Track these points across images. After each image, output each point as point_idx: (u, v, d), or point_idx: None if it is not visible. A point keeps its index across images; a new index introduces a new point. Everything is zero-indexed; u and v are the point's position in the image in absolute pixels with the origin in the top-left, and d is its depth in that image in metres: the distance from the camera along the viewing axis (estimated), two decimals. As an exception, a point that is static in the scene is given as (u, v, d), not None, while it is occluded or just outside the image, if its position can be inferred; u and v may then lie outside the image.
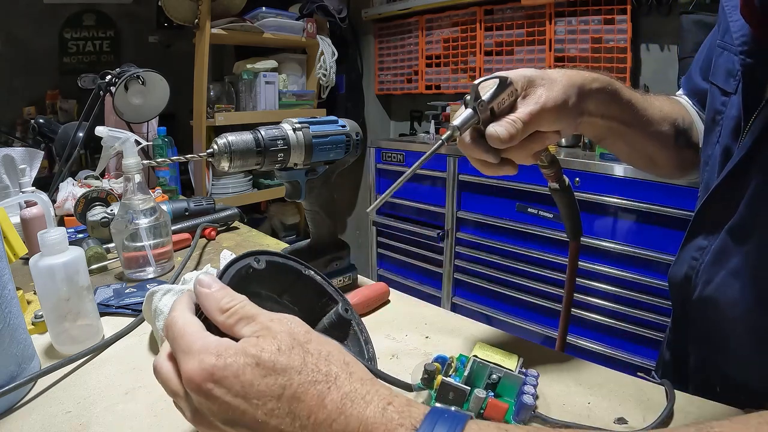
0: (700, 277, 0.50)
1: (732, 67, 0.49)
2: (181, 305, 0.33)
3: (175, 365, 0.30)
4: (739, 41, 0.47)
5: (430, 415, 0.27)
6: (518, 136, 0.42)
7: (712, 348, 0.52)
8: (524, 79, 0.44)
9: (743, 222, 0.45)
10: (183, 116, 2.25)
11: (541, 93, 0.44)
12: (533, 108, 0.43)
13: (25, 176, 0.88)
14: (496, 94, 0.43)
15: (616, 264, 1.49)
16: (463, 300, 1.99)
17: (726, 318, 0.47)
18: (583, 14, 1.85)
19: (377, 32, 2.65)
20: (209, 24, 1.94)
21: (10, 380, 0.42)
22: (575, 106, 0.46)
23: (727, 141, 0.49)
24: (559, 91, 0.44)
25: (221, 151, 0.53)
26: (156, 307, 0.50)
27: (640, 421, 0.41)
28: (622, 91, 0.51)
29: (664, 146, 0.58)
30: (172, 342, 0.30)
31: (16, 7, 2.33)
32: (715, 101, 0.52)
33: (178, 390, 0.29)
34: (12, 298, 0.44)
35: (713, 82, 0.53)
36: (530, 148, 0.45)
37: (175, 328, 0.30)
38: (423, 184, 2.03)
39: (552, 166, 0.53)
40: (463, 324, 0.60)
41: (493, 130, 0.42)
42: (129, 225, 0.72)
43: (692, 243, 0.52)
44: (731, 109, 0.48)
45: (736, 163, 0.45)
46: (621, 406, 0.44)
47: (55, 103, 2.36)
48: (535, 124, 0.43)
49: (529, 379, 0.43)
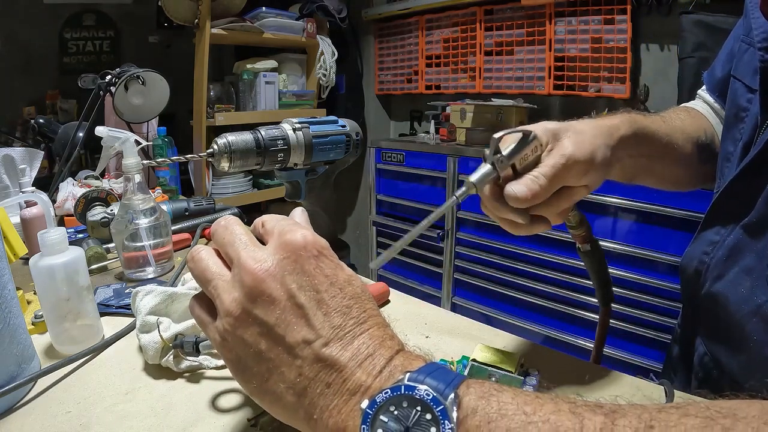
0: (711, 272, 0.50)
1: (757, 64, 0.47)
2: None
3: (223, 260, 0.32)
4: (759, 38, 0.46)
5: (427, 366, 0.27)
6: (542, 194, 0.39)
7: (718, 343, 0.52)
8: (549, 132, 0.42)
9: (761, 219, 0.44)
10: (183, 116, 2.25)
11: (567, 145, 0.41)
12: (558, 161, 0.40)
13: (25, 176, 0.88)
14: (518, 149, 0.39)
15: (617, 264, 1.49)
16: (463, 300, 1.99)
17: (734, 314, 0.47)
18: (583, 14, 1.85)
19: (377, 32, 2.65)
20: (209, 24, 1.94)
21: (10, 380, 0.42)
22: (604, 157, 0.43)
23: (748, 138, 0.48)
24: (586, 143, 0.41)
25: (221, 151, 0.53)
26: (137, 306, 0.50)
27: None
28: (647, 126, 0.49)
29: (689, 166, 0.57)
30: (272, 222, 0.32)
31: (16, 7, 2.33)
32: (739, 97, 0.51)
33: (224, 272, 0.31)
34: (12, 298, 0.44)
35: (737, 77, 0.52)
36: (558, 206, 0.42)
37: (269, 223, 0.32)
38: (423, 184, 2.03)
39: (581, 226, 0.50)
40: (463, 324, 0.60)
41: (511, 189, 0.39)
42: (129, 225, 0.72)
43: (704, 237, 0.52)
44: (755, 106, 0.48)
45: (752, 159, 0.45)
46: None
47: (55, 103, 2.36)
48: (561, 179, 0.40)
49: (528, 380, 0.43)
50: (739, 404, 0.23)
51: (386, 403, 0.24)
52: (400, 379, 0.25)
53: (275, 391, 0.28)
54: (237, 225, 0.32)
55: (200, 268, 0.32)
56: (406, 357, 0.28)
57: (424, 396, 0.24)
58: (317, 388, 0.27)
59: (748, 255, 0.46)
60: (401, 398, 0.24)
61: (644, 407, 0.23)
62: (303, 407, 0.27)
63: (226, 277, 0.30)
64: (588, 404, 0.24)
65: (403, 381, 0.25)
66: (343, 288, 0.29)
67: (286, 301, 0.28)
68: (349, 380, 0.26)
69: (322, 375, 0.27)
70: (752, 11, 0.48)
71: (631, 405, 0.24)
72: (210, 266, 0.31)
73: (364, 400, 0.25)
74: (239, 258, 0.29)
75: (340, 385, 0.26)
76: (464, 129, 1.98)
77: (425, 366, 0.26)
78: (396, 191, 2.15)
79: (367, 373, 0.26)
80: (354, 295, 0.29)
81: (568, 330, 1.66)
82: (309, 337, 0.27)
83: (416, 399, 0.24)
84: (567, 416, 0.23)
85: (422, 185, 2.03)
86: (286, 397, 0.27)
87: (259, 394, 0.29)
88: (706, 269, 0.51)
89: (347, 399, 0.26)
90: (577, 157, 0.40)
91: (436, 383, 0.24)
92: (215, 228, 0.33)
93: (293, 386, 0.27)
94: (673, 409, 0.23)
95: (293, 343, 0.27)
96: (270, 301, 0.28)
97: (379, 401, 0.24)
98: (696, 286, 0.52)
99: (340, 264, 0.31)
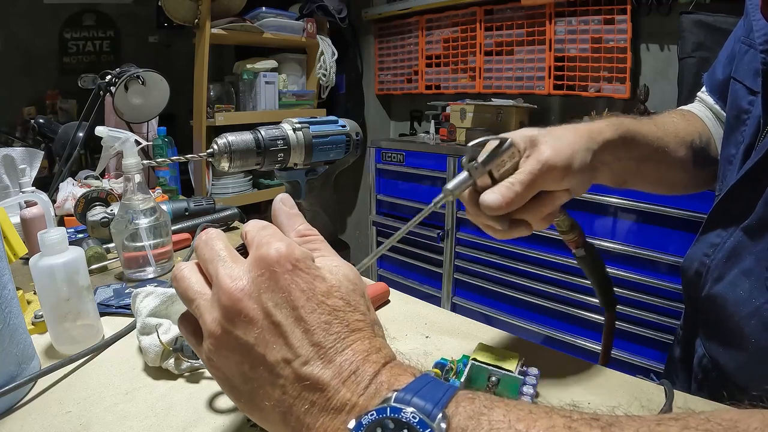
0: (711, 274, 0.50)
1: (758, 66, 0.47)
2: None
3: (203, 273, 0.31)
4: (760, 40, 0.46)
5: (415, 382, 0.26)
6: (517, 201, 0.39)
7: (717, 344, 0.52)
8: (526, 139, 0.42)
9: (761, 221, 0.44)
10: (183, 116, 2.25)
11: (544, 150, 0.41)
12: (534, 167, 0.40)
13: (25, 176, 0.88)
14: (492, 156, 0.39)
15: (617, 264, 1.49)
16: (463, 300, 1.99)
17: (733, 315, 0.47)
18: (583, 14, 1.85)
19: (377, 32, 2.65)
20: (209, 24, 1.94)
21: (10, 380, 0.42)
22: (583, 162, 0.42)
23: (749, 140, 0.48)
24: (564, 148, 0.41)
25: (221, 151, 0.53)
26: (137, 308, 0.50)
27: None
28: (636, 130, 0.49)
29: (684, 169, 0.56)
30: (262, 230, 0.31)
31: (16, 7, 2.33)
32: (741, 99, 0.51)
33: (205, 291, 0.30)
34: (12, 298, 0.44)
35: (738, 79, 0.52)
36: (540, 211, 0.42)
37: (250, 233, 0.31)
38: (423, 184, 2.03)
39: (572, 231, 0.50)
40: (463, 324, 0.60)
41: (484, 198, 0.39)
42: (129, 225, 0.72)
43: (705, 239, 0.52)
44: (757, 109, 0.47)
45: (756, 163, 0.45)
46: (621, 407, 0.44)
47: (55, 103, 2.36)
48: (537, 185, 0.40)
49: (528, 379, 0.43)
50: (740, 415, 0.22)
51: (372, 425, 0.24)
52: (387, 398, 0.24)
53: (263, 409, 0.28)
54: (217, 240, 0.31)
55: (183, 288, 0.31)
56: (393, 372, 0.27)
57: (410, 419, 0.23)
58: (302, 407, 0.26)
59: (748, 257, 0.46)
60: (387, 420, 0.23)
61: (642, 419, 0.23)
62: (290, 425, 0.27)
63: (207, 296, 0.30)
64: (584, 417, 0.23)
65: (390, 402, 0.24)
66: (322, 302, 0.28)
67: (263, 320, 0.27)
68: (333, 398, 0.26)
69: (306, 394, 0.26)
70: (753, 12, 0.48)
71: (628, 417, 0.24)
72: (192, 285, 0.31)
73: (351, 420, 0.24)
74: (217, 276, 0.29)
75: (325, 403, 0.26)
76: (464, 129, 1.98)
77: (413, 383, 0.25)
78: (396, 191, 2.15)
79: (351, 391, 0.26)
80: (334, 308, 0.28)
81: (568, 330, 1.66)
82: (288, 356, 0.27)
83: (402, 422, 0.23)
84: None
85: (422, 185, 2.03)
86: (273, 414, 0.27)
87: (249, 410, 0.29)
88: (707, 271, 0.51)
89: (333, 417, 0.26)
90: (553, 162, 0.40)
91: (423, 403, 0.23)
92: (197, 243, 0.32)
93: (278, 404, 0.27)
94: (672, 421, 0.22)
95: (273, 362, 0.27)
96: (248, 321, 0.27)
97: (365, 423, 0.24)
98: (696, 287, 0.52)
99: (319, 275, 0.29)
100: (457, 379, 0.43)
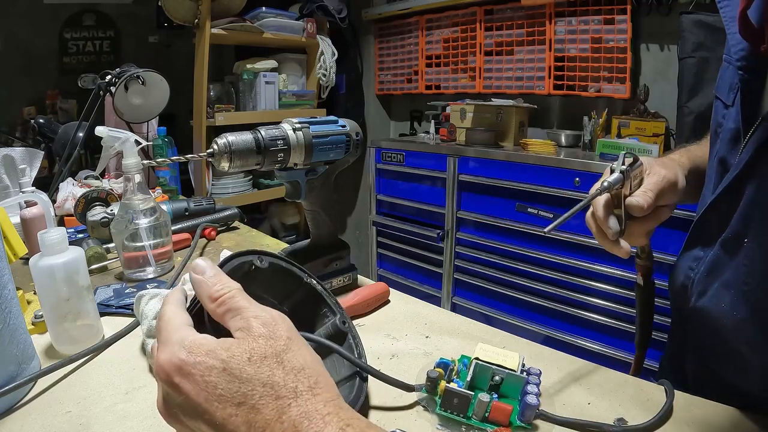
0: (696, 287, 0.51)
1: (732, 80, 0.49)
2: (174, 297, 0.34)
3: None
4: (737, 55, 0.47)
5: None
6: (651, 206, 0.48)
7: (708, 355, 0.52)
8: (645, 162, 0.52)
9: (735, 235, 0.46)
10: (183, 116, 2.25)
11: (660, 170, 0.52)
12: (659, 179, 0.50)
13: (25, 176, 0.88)
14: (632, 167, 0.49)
15: (617, 264, 1.49)
16: (463, 300, 1.99)
17: (719, 328, 0.48)
18: (583, 14, 1.85)
19: (377, 32, 2.65)
20: (209, 24, 1.94)
21: (10, 380, 0.42)
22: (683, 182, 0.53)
23: (723, 153, 0.49)
24: (671, 171, 0.52)
25: (221, 151, 0.52)
26: (142, 311, 0.50)
27: (640, 422, 0.41)
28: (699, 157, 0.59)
29: None
30: (157, 331, 0.32)
31: (16, 7, 2.33)
32: (718, 114, 0.53)
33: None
34: (12, 298, 0.44)
35: (718, 95, 0.53)
36: (650, 224, 0.51)
37: (162, 319, 0.32)
38: (423, 184, 2.03)
39: (648, 259, 0.57)
40: (463, 324, 0.60)
41: (633, 200, 0.48)
42: (129, 225, 0.72)
43: (689, 253, 0.53)
44: (728, 122, 0.49)
45: (734, 177, 0.46)
46: (621, 406, 0.44)
47: (55, 103, 2.36)
48: (659, 198, 0.49)
49: (531, 378, 0.43)
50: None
51: None
52: None
53: None
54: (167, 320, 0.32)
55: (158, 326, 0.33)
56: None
57: None
58: None
59: (726, 270, 0.47)
60: None
61: None
62: None
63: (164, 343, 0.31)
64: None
65: None
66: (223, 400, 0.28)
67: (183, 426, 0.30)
68: None
69: None
70: (728, 26, 0.49)
71: None
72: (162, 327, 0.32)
73: None
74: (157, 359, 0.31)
75: None
76: (464, 129, 1.98)
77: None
78: (396, 191, 2.15)
79: None
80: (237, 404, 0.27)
81: (568, 330, 1.66)
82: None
83: None
84: None
85: (422, 185, 2.03)
86: None
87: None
88: (692, 284, 0.52)
89: None
90: (670, 178, 0.51)
91: None
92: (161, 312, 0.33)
93: None
94: None
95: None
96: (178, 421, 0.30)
97: None
98: (684, 300, 0.53)
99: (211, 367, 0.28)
100: (460, 380, 0.43)
